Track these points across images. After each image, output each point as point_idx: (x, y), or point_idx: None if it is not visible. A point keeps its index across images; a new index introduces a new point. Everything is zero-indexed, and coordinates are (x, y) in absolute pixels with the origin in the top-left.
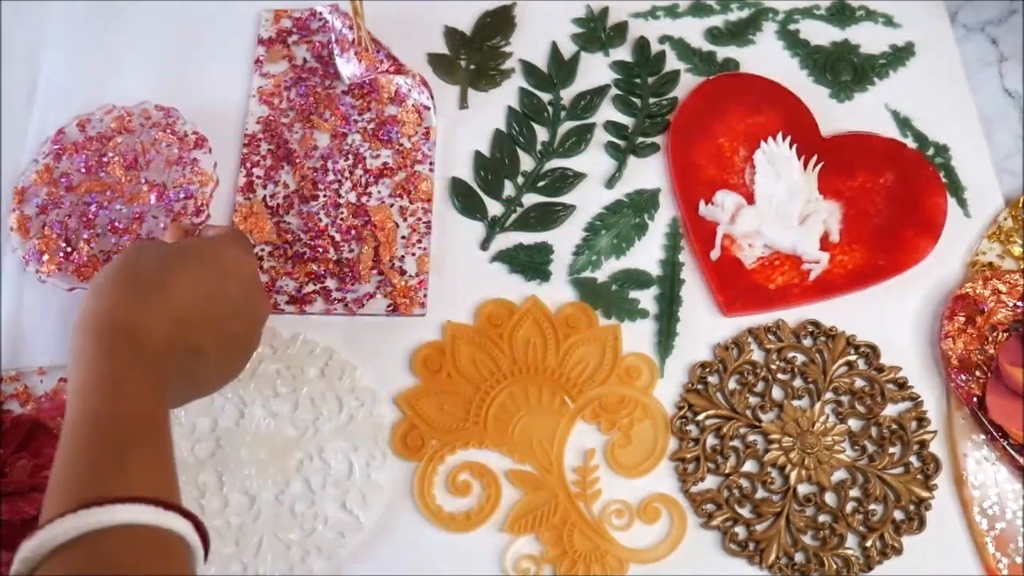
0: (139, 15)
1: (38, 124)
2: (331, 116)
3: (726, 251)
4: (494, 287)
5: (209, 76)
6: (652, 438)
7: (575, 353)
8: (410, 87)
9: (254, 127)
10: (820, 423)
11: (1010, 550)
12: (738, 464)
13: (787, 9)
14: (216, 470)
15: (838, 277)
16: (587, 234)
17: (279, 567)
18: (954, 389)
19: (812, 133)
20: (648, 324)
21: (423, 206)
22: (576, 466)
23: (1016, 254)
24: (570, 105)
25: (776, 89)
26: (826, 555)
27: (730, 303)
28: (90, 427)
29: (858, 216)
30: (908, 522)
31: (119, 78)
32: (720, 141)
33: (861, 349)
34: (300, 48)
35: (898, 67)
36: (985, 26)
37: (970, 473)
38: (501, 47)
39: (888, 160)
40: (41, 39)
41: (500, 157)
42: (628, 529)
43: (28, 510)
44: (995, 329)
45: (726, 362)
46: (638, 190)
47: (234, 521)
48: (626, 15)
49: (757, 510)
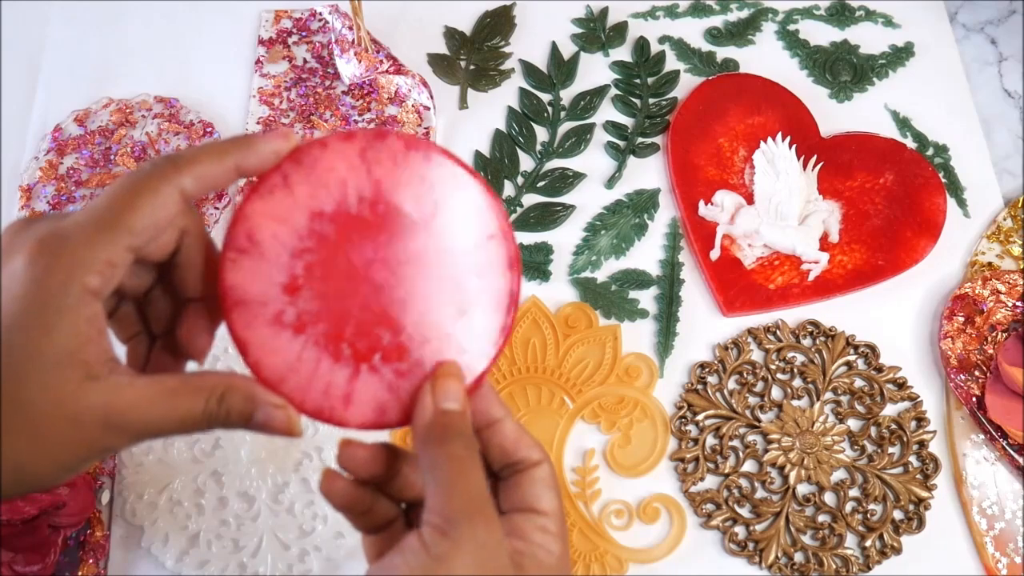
0: (139, 16)
1: (38, 125)
2: (331, 116)
3: (726, 251)
4: None
5: (209, 77)
6: (652, 438)
7: (575, 353)
8: (410, 87)
9: (254, 127)
10: (819, 423)
11: (1009, 550)
12: (737, 464)
13: (787, 9)
14: (216, 470)
15: (837, 277)
16: (587, 234)
17: (278, 567)
18: (953, 389)
19: (812, 133)
20: (648, 324)
21: None
22: (576, 466)
23: (1015, 254)
24: (570, 105)
25: (776, 89)
26: (825, 555)
27: (730, 303)
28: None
29: (858, 216)
30: (907, 522)
31: (119, 79)
32: (720, 141)
33: (860, 349)
34: (300, 48)
35: (898, 67)
36: (985, 26)
37: (969, 473)
38: (501, 47)
39: (888, 160)
40: (41, 39)
41: (500, 157)
42: (628, 529)
43: (28, 510)
44: (994, 329)
45: (726, 362)
46: (638, 190)
47: (233, 521)
48: (626, 15)
49: (756, 510)
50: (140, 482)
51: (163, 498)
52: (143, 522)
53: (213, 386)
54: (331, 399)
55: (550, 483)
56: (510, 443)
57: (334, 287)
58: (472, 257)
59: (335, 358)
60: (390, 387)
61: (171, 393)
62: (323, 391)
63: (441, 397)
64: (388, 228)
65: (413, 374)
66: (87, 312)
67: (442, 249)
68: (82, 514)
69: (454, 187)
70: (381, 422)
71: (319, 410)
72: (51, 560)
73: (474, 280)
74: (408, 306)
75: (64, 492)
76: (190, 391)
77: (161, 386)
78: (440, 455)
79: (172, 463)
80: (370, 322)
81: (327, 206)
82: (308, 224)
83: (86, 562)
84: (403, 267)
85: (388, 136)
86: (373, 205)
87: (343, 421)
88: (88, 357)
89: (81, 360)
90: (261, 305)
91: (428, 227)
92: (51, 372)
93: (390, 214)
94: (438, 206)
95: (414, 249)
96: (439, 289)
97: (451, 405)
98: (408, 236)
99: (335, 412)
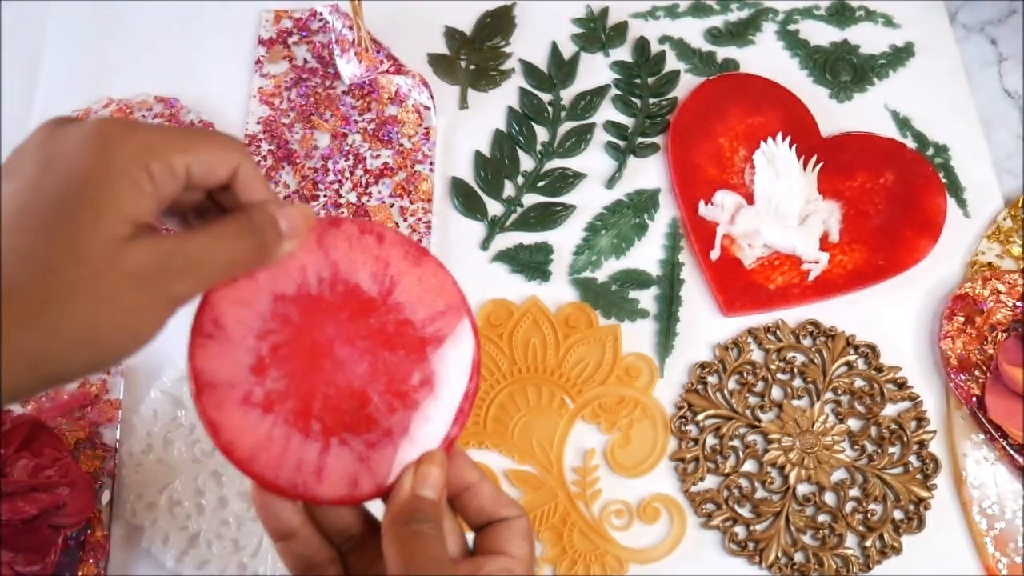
0: (139, 16)
1: (38, 124)
2: (331, 116)
3: (726, 251)
4: (494, 287)
5: (209, 77)
6: (652, 438)
7: (575, 353)
8: (410, 87)
9: (254, 127)
10: (819, 423)
11: (1009, 550)
12: (738, 464)
13: (787, 9)
14: (216, 470)
15: (838, 277)
16: (587, 234)
17: (278, 567)
18: (953, 389)
19: (812, 133)
20: (648, 324)
21: (423, 206)
22: (576, 466)
23: (1015, 254)
24: (570, 105)
25: (776, 89)
26: (826, 555)
27: (730, 303)
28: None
29: (858, 216)
30: (907, 522)
31: (119, 79)
32: (720, 141)
33: (860, 349)
34: (300, 48)
35: (898, 67)
36: (985, 26)
37: (969, 473)
38: (501, 47)
39: (888, 160)
40: (41, 39)
41: (500, 157)
42: (628, 529)
43: (28, 510)
44: (994, 329)
45: (726, 362)
46: (638, 190)
47: (233, 521)
48: (626, 15)
49: (757, 510)
50: (140, 482)
51: (163, 498)
52: (143, 522)
53: (259, 223)
54: (303, 474)
55: (525, 535)
56: (489, 504)
57: (300, 366)
58: (430, 328)
59: (305, 434)
60: (361, 458)
61: (224, 230)
62: (295, 467)
63: (420, 483)
64: (348, 306)
65: (383, 444)
66: (148, 189)
67: (401, 322)
68: (82, 514)
69: (409, 264)
70: (354, 496)
71: (293, 486)
72: (51, 560)
73: (433, 350)
74: (372, 379)
75: (65, 492)
76: (239, 229)
77: (214, 226)
78: (406, 531)
79: (172, 463)
80: (336, 397)
81: (288, 289)
82: (271, 307)
83: (86, 562)
84: (364, 341)
85: (343, 223)
86: (332, 285)
87: (316, 497)
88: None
89: (141, 221)
90: (229, 387)
91: (386, 303)
92: (114, 226)
93: (349, 292)
94: (394, 282)
95: (374, 324)
96: (400, 361)
97: (428, 493)
98: (367, 312)
99: (308, 487)
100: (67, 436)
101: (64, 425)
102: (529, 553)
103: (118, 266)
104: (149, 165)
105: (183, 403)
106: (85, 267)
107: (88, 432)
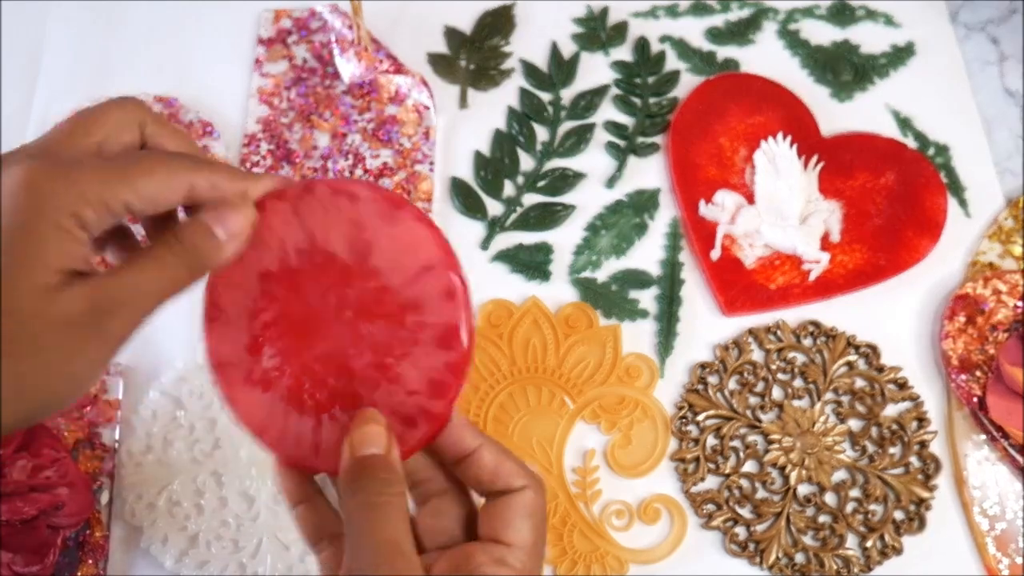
0: (139, 15)
1: (38, 124)
2: (331, 116)
3: (726, 251)
4: (494, 287)
5: (209, 76)
6: (652, 438)
7: (575, 353)
8: (410, 87)
9: (254, 127)
10: (820, 423)
11: (1011, 550)
12: (738, 464)
13: (787, 9)
14: (215, 470)
15: (838, 277)
16: (587, 234)
17: (278, 567)
18: (954, 389)
19: (812, 133)
20: (648, 324)
21: (423, 206)
22: (576, 466)
23: (1016, 254)
24: (570, 105)
25: (776, 89)
26: (826, 555)
27: (730, 303)
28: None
29: (858, 216)
30: (908, 522)
31: (119, 78)
32: (720, 141)
33: (861, 349)
34: (300, 48)
35: (898, 67)
36: (986, 25)
37: (970, 473)
38: (501, 47)
39: (888, 160)
40: (41, 39)
41: (500, 157)
42: (628, 529)
43: (28, 510)
44: (995, 329)
45: (726, 362)
46: (638, 190)
47: (233, 521)
48: (626, 15)
49: (757, 510)
50: (139, 483)
51: (162, 499)
52: (142, 523)
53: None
54: (303, 449)
55: (527, 512)
56: (487, 474)
57: (290, 343)
58: (408, 293)
59: (300, 411)
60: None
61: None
62: (295, 443)
63: (358, 445)
64: (327, 277)
65: None
66: (79, 236)
67: (379, 288)
68: (81, 514)
69: (383, 223)
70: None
71: (298, 459)
72: (50, 560)
73: (412, 317)
74: (356, 354)
75: (64, 492)
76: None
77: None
78: (352, 505)
79: (172, 463)
80: (323, 372)
81: (272, 265)
82: (259, 285)
83: (85, 562)
84: (345, 313)
85: (316, 186)
86: (311, 256)
87: (316, 469)
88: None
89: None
90: (234, 366)
91: (363, 269)
92: (41, 277)
93: (327, 262)
94: (369, 246)
95: (353, 294)
96: (381, 330)
97: (371, 450)
98: (347, 281)
99: (308, 460)
100: (66, 436)
101: (63, 425)
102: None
103: (46, 315)
104: (81, 212)
105: (182, 403)
106: (11, 320)
107: (87, 432)
